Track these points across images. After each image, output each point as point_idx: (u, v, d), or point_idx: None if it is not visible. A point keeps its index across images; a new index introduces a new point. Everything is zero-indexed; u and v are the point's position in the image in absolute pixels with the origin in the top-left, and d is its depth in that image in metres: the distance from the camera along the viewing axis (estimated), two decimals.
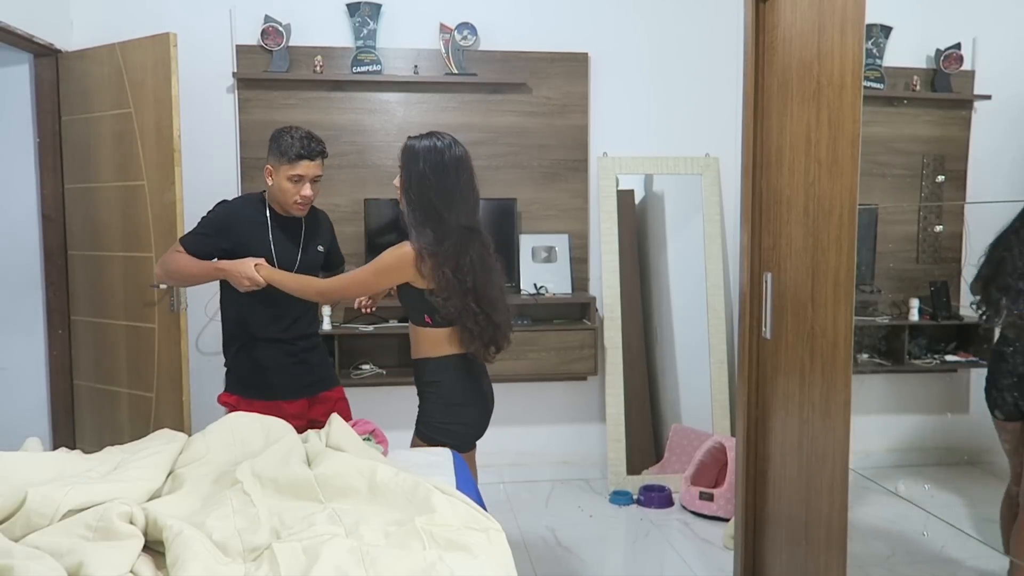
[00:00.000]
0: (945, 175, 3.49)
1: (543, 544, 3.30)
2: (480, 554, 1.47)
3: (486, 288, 2.23)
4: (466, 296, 2.19)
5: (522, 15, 3.94)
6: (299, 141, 2.43)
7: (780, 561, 2.51)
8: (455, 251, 2.17)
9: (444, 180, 2.19)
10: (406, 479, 1.69)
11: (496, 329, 2.26)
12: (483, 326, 2.22)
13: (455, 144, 2.24)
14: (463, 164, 2.23)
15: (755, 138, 2.58)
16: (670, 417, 4.06)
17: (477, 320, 2.21)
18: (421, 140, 2.24)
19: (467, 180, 2.23)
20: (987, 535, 2.78)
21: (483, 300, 2.22)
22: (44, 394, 3.68)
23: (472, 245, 2.21)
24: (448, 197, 2.19)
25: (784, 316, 2.42)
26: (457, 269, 2.17)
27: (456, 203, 2.20)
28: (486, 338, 2.25)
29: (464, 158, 2.24)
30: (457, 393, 2.33)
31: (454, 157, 2.21)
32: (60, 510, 1.44)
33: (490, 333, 2.25)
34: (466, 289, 2.18)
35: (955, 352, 3.43)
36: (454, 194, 2.20)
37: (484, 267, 2.23)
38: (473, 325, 2.21)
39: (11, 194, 3.62)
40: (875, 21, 3.61)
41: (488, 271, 2.25)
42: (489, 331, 2.24)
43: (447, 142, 2.23)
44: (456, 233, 2.19)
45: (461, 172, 2.22)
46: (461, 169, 2.22)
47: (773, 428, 2.52)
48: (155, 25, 3.45)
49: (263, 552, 1.43)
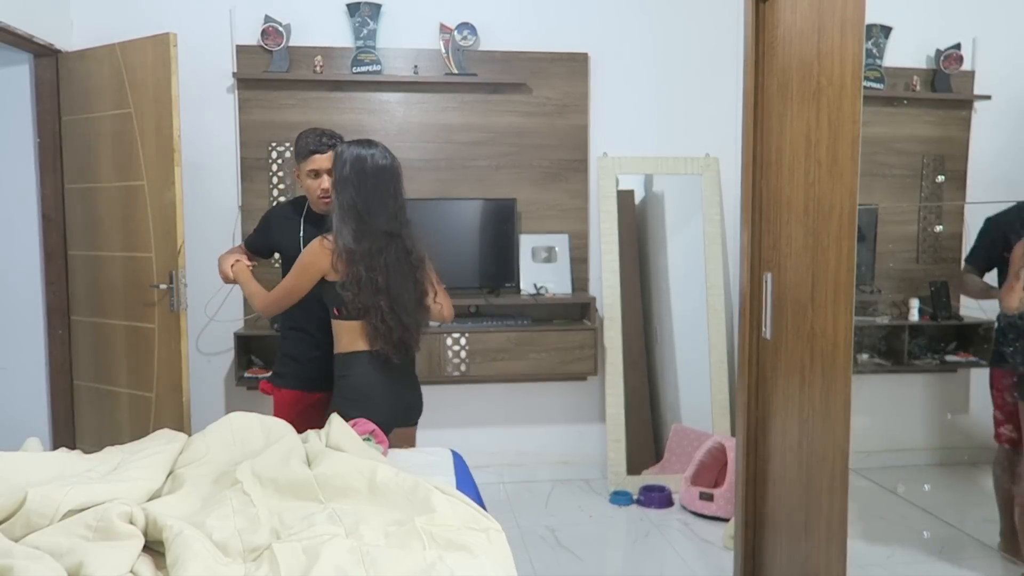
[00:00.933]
0: (945, 175, 3.50)
1: (543, 544, 3.30)
2: (480, 554, 1.47)
3: (399, 290, 2.35)
4: (377, 295, 2.31)
5: (522, 15, 3.94)
6: (311, 137, 2.55)
7: (780, 561, 2.51)
8: (370, 251, 2.31)
9: (364, 186, 2.33)
10: (406, 479, 1.69)
11: (405, 330, 2.37)
12: (391, 325, 2.33)
13: (383, 154, 2.38)
14: (385, 173, 2.36)
15: (755, 138, 2.58)
16: (670, 417, 4.06)
17: (385, 319, 2.32)
18: (350, 147, 2.38)
19: (387, 188, 2.36)
20: (987, 535, 2.78)
21: (396, 301, 2.34)
22: (44, 394, 3.68)
23: (390, 249, 2.34)
24: (367, 202, 2.32)
25: (784, 316, 2.42)
26: (370, 268, 2.30)
27: (375, 208, 2.33)
28: (394, 337, 2.35)
29: (387, 168, 2.37)
30: (362, 389, 2.39)
31: (376, 166, 2.35)
32: (60, 510, 1.44)
33: (399, 334, 2.36)
34: (377, 288, 2.30)
35: (955, 352, 3.44)
36: (372, 200, 2.33)
37: (399, 270, 2.36)
38: (380, 323, 2.33)
39: (11, 194, 3.62)
40: (875, 21, 3.62)
41: (403, 275, 2.37)
42: (398, 331, 2.35)
43: (372, 151, 2.37)
44: (375, 235, 2.32)
45: (382, 180, 2.35)
46: (382, 178, 2.35)
47: (773, 428, 2.53)
48: (155, 25, 3.45)
49: (263, 552, 1.43)
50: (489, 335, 3.71)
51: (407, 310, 2.37)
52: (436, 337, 3.65)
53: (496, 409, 4.07)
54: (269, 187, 3.81)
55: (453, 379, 3.79)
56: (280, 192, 3.81)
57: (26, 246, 3.62)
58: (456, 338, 3.68)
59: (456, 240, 3.84)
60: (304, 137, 2.56)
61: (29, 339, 3.66)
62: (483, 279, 3.89)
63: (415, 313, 2.41)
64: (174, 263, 3.25)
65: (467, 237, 3.88)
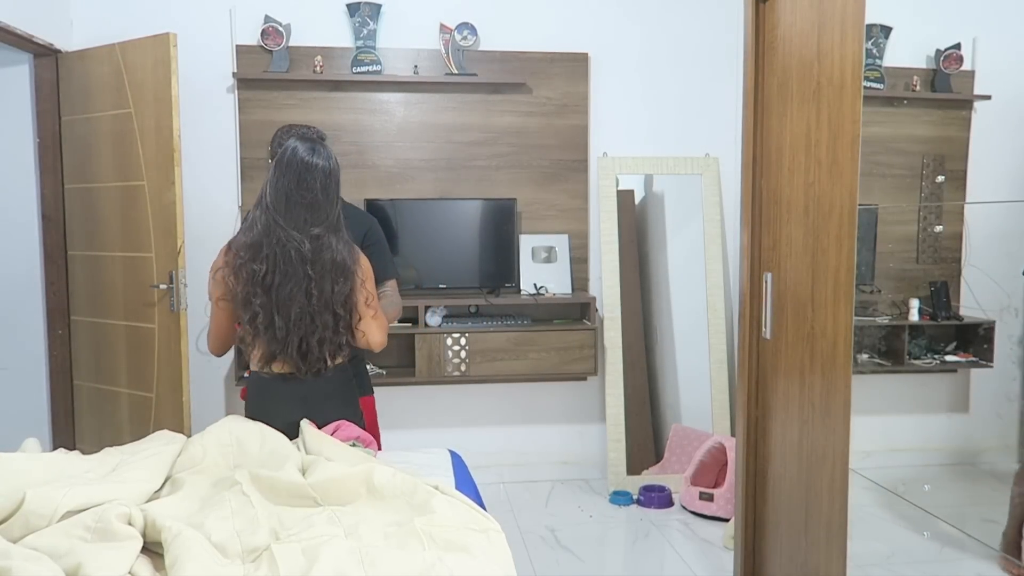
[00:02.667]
0: (945, 175, 3.49)
1: (543, 544, 3.29)
2: (480, 555, 1.47)
3: (288, 292, 2.04)
4: (254, 285, 2.04)
5: (522, 15, 3.94)
6: (283, 137, 2.45)
7: (780, 561, 2.51)
8: (257, 242, 2.05)
9: (281, 177, 2.10)
10: (405, 480, 1.69)
11: (279, 345, 2.07)
12: (272, 323, 2.05)
13: (316, 151, 2.13)
14: (310, 170, 2.09)
15: (755, 138, 2.58)
16: (670, 417, 4.06)
17: (260, 315, 2.04)
18: (290, 137, 2.20)
19: (306, 184, 2.08)
20: (987, 535, 2.78)
21: (279, 300, 2.04)
22: (44, 394, 3.68)
23: (287, 246, 2.05)
24: (276, 193, 2.09)
25: (784, 316, 2.42)
26: (254, 258, 2.04)
27: (281, 202, 2.07)
28: (278, 336, 2.06)
29: (313, 165, 2.10)
30: (252, 415, 2.15)
31: (300, 160, 2.10)
32: (59, 511, 1.43)
33: (282, 334, 2.06)
34: (255, 279, 2.04)
35: (955, 352, 3.43)
36: (280, 191, 2.09)
37: (290, 271, 2.05)
38: (259, 320, 2.05)
39: (11, 194, 3.62)
40: (875, 21, 3.61)
41: (295, 278, 2.05)
42: (282, 331, 2.05)
43: (304, 145, 2.13)
44: (271, 228, 2.06)
45: (304, 176, 2.09)
46: (305, 174, 2.09)
47: (773, 428, 2.52)
48: (155, 25, 3.45)
49: (262, 553, 1.43)
50: (489, 335, 3.71)
51: (294, 317, 2.04)
52: (436, 337, 3.65)
53: (496, 409, 4.07)
54: None
55: (453, 379, 3.79)
56: None
57: (26, 246, 3.62)
58: (456, 338, 3.68)
59: (456, 240, 3.84)
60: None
61: (29, 339, 3.66)
62: (483, 279, 3.89)
63: (312, 324, 2.06)
64: (174, 263, 3.25)
65: (467, 237, 3.88)
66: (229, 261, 2.09)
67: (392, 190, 3.88)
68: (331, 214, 2.12)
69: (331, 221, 2.12)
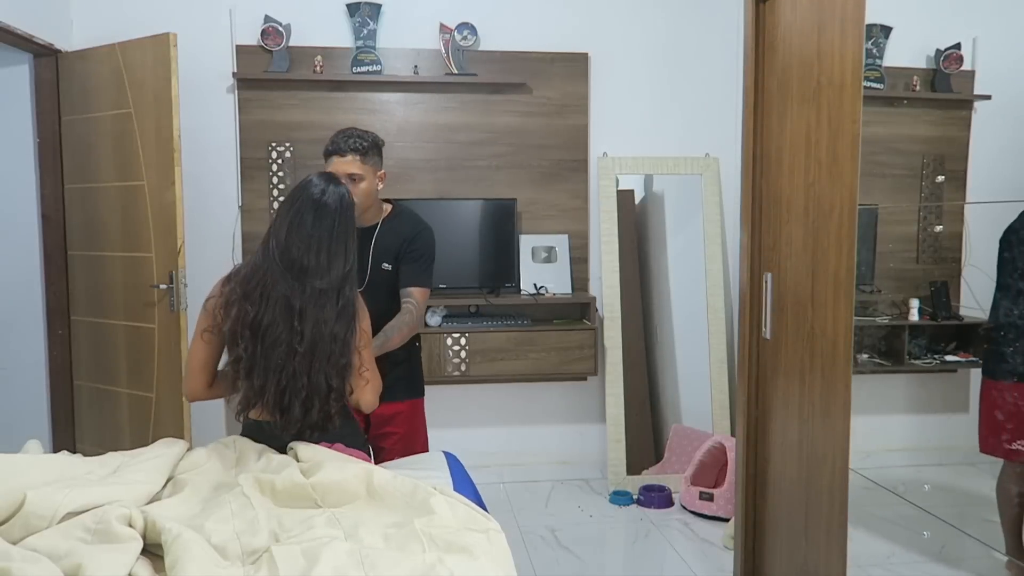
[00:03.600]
0: (945, 175, 3.49)
1: (543, 544, 3.29)
2: (480, 555, 1.46)
3: (274, 335, 1.84)
4: (237, 321, 1.85)
5: (522, 15, 3.93)
6: (337, 136, 2.35)
7: (780, 561, 2.51)
8: (252, 276, 1.89)
9: (289, 210, 1.93)
10: (404, 482, 1.69)
11: (255, 393, 1.87)
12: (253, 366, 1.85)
13: (332, 193, 1.94)
14: (323, 209, 1.91)
15: (755, 138, 2.58)
16: (670, 417, 4.06)
17: (240, 367, 1.86)
18: (310, 175, 2.01)
19: (318, 224, 1.90)
20: (987, 535, 2.77)
21: (264, 342, 1.84)
22: (44, 394, 3.68)
23: (280, 285, 1.86)
24: (280, 227, 1.91)
25: (784, 316, 2.42)
26: (246, 295, 1.86)
27: (284, 235, 1.89)
28: (247, 395, 1.88)
29: (327, 205, 1.92)
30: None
31: (312, 198, 1.92)
32: (59, 512, 1.43)
33: (250, 394, 1.87)
34: (244, 316, 1.85)
35: (955, 352, 3.43)
36: (284, 225, 1.91)
37: (280, 313, 1.85)
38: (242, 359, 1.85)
39: (11, 194, 3.62)
40: (875, 21, 3.61)
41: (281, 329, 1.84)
42: (260, 378, 1.85)
43: (322, 186, 1.95)
44: (270, 263, 1.88)
45: (316, 215, 1.90)
46: (318, 212, 1.91)
47: (773, 428, 2.52)
48: (155, 25, 3.44)
49: (262, 555, 1.43)
50: (489, 335, 3.71)
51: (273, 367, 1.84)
52: (436, 337, 3.65)
53: (496, 409, 4.07)
54: (269, 187, 3.81)
55: (453, 379, 3.79)
56: (280, 192, 3.81)
57: (26, 246, 3.62)
58: (456, 338, 3.68)
59: (456, 240, 3.84)
60: (332, 138, 2.35)
61: (29, 339, 3.66)
62: (483, 279, 3.89)
63: (293, 383, 1.85)
64: (174, 263, 3.25)
65: (467, 237, 3.88)
66: (225, 293, 1.90)
67: (392, 190, 3.87)
68: (336, 264, 1.90)
69: (338, 274, 1.90)
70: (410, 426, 2.56)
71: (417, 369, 2.65)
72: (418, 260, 2.47)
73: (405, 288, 2.45)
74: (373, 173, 2.40)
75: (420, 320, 2.49)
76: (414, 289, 2.45)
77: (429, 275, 2.51)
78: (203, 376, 1.97)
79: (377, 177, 2.42)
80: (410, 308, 2.41)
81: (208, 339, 1.94)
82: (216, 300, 1.92)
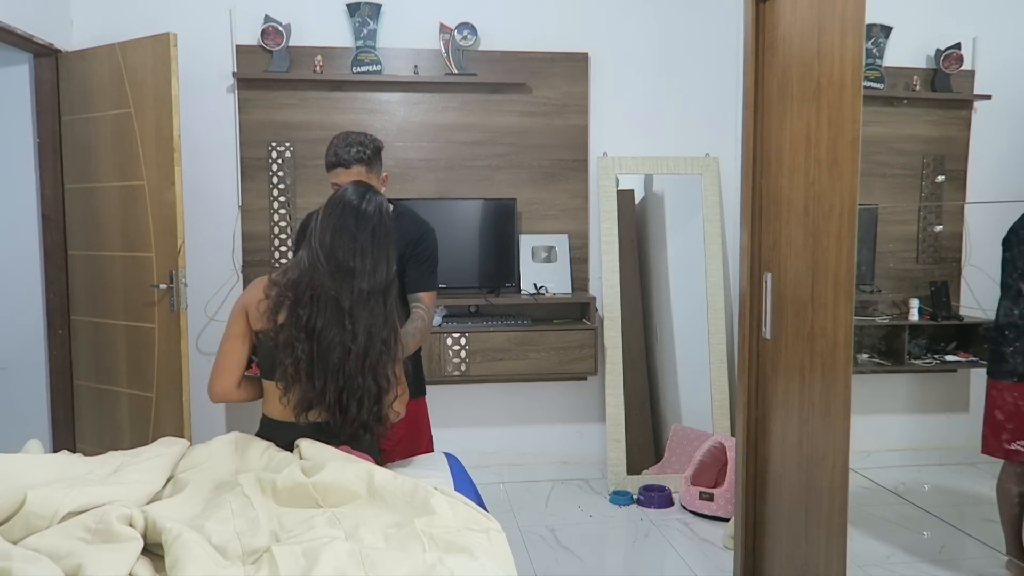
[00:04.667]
0: (945, 175, 3.49)
1: (543, 544, 3.30)
2: (480, 555, 1.46)
3: (329, 339, 1.88)
4: (297, 329, 1.88)
5: (522, 15, 3.93)
6: (337, 145, 2.33)
7: (780, 561, 2.51)
8: (300, 281, 1.91)
9: (330, 215, 1.96)
10: (405, 482, 1.69)
11: (316, 394, 1.89)
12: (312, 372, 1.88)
13: (370, 201, 1.98)
14: (362, 216, 1.95)
15: (755, 138, 2.58)
16: (670, 417, 4.06)
17: (301, 363, 1.87)
18: (345, 186, 2.05)
19: (359, 227, 1.93)
20: (987, 535, 2.78)
21: (320, 346, 1.87)
22: (44, 394, 3.68)
23: (331, 289, 1.89)
24: (323, 231, 1.94)
25: (784, 316, 2.42)
26: (297, 302, 1.88)
27: (328, 239, 1.93)
28: (316, 387, 1.89)
29: (365, 212, 1.95)
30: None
31: (350, 204, 1.96)
32: (59, 512, 1.43)
33: (321, 384, 1.88)
34: (300, 323, 1.87)
35: (955, 352, 3.43)
36: (328, 229, 1.94)
37: (331, 317, 1.88)
38: (294, 368, 1.88)
39: (11, 194, 3.62)
40: (875, 21, 3.62)
41: (336, 331, 1.88)
42: (320, 382, 1.88)
43: (361, 194, 1.99)
44: (317, 268, 1.91)
45: (355, 219, 1.94)
46: (357, 216, 1.94)
47: (773, 428, 2.52)
48: (155, 25, 3.44)
49: (262, 555, 1.43)
50: (489, 335, 3.71)
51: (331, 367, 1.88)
52: (436, 337, 3.65)
53: (496, 409, 4.07)
54: (269, 187, 3.81)
55: (453, 379, 3.79)
56: (280, 192, 3.81)
57: (26, 246, 3.62)
58: (456, 338, 3.68)
59: (456, 240, 3.84)
60: (330, 145, 2.33)
61: (29, 339, 3.66)
62: (483, 279, 3.89)
63: (351, 382, 1.89)
64: (174, 263, 3.25)
65: (467, 237, 3.88)
66: (273, 297, 1.92)
67: (392, 190, 3.86)
68: (380, 269, 1.93)
69: (381, 278, 1.94)
70: (413, 426, 2.56)
71: (418, 369, 2.65)
72: (423, 263, 2.48)
73: (414, 293, 2.45)
74: (377, 178, 2.41)
75: (431, 324, 2.52)
76: (423, 294, 2.46)
77: (435, 277, 2.54)
78: (235, 375, 2.02)
79: (380, 181, 2.43)
80: (421, 314, 2.41)
81: (244, 340, 1.99)
82: (265, 303, 1.93)
